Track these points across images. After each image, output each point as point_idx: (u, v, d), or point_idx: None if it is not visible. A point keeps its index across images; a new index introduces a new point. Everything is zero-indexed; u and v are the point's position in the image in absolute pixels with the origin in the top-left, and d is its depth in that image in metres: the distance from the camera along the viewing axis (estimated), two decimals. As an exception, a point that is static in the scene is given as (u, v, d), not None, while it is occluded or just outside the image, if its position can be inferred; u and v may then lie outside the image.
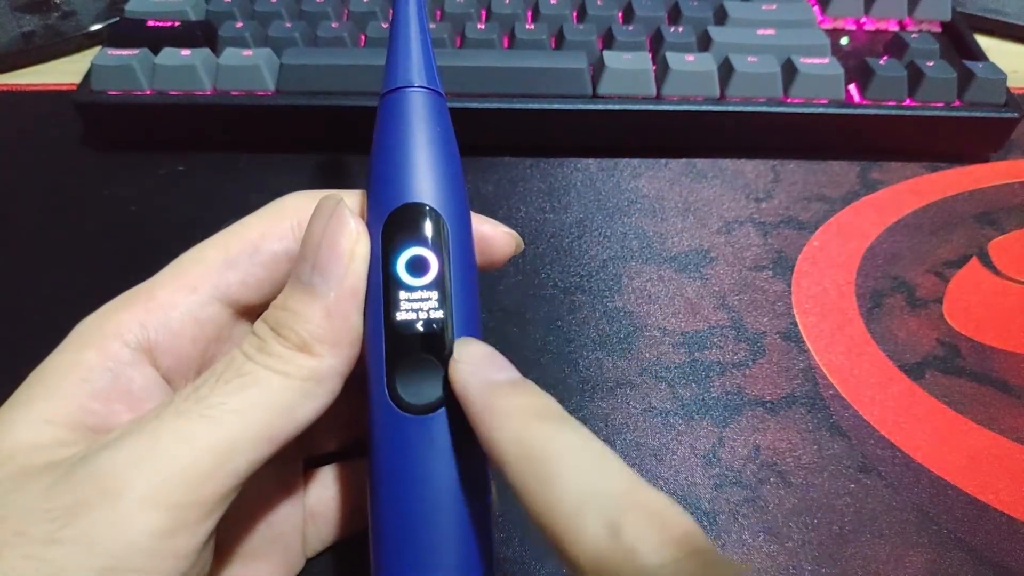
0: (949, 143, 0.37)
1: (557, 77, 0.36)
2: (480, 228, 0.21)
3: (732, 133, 0.37)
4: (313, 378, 0.18)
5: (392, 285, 0.19)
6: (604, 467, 0.15)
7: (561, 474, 0.15)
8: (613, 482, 0.15)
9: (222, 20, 0.39)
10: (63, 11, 0.45)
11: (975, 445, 0.27)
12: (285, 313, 0.18)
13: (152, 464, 0.16)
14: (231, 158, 0.37)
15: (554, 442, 0.16)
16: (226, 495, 0.17)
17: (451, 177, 0.20)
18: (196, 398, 0.17)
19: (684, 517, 0.15)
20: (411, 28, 0.22)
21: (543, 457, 0.16)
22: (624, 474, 0.15)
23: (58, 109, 0.39)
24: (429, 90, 0.21)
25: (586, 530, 0.14)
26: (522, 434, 0.16)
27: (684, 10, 0.40)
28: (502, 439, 0.16)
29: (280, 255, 0.20)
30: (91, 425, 0.18)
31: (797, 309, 0.31)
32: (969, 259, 0.34)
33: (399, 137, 0.20)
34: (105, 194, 0.36)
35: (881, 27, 0.42)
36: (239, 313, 0.21)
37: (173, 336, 0.19)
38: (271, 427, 0.17)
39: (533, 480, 0.15)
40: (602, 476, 0.15)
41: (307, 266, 0.18)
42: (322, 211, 0.19)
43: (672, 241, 0.34)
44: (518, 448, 0.16)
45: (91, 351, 0.18)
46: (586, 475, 0.15)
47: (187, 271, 0.20)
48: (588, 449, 0.16)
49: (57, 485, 0.15)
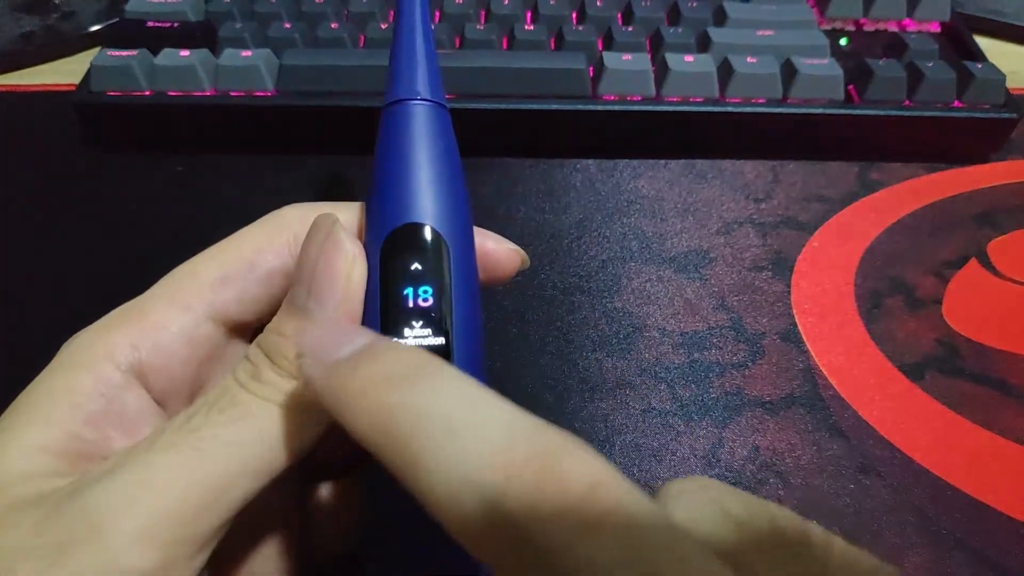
0: (948, 144, 0.38)
1: (557, 78, 0.36)
2: (484, 244, 0.21)
3: (731, 134, 0.37)
4: (308, 408, 0.17)
5: (390, 309, 0.18)
6: (473, 427, 0.13)
7: (424, 452, 0.13)
8: (483, 441, 0.13)
9: (221, 21, 0.39)
10: (63, 11, 0.44)
11: (974, 445, 0.27)
12: (280, 338, 0.18)
13: (142, 500, 0.15)
14: (230, 159, 0.37)
15: (409, 412, 0.14)
16: (219, 529, 0.16)
17: (454, 195, 0.19)
18: (188, 429, 0.16)
19: (584, 464, 0.12)
20: (416, 35, 0.21)
21: (400, 435, 0.13)
22: (496, 423, 0.13)
23: (57, 109, 0.39)
24: (433, 103, 0.20)
25: (466, 515, 0.12)
26: (377, 413, 0.14)
27: (683, 11, 0.40)
28: (361, 425, 0.14)
29: (276, 271, 0.20)
30: (83, 452, 0.17)
31: (796, 310, 0.32)
32: (968, 260, 0.34)
33: (401, 153, 0.19)
34: (104, 194, 0.36)
35: (880, 28, 0.42)
36: (233, 331, 0.20)
37: (165, 357, 0.19)
38: (266, 459, 0.17)
39: (400, 465, 0.13)
40: (470, 436, 0.13)
41: (302, 290, 0.18)
42: (317, 231, 0.18)
43: (671, 242, 0.34)
44: (378, 432, 0.14)
45: (83, 374, 0.18)
46: (452, 446, 0.13)
47: (180, 288, 0.19)
48: (451, 410, 0.14)
49: (47, 521, 0.15)
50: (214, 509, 0.16)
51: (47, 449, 0.17)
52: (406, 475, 0.13)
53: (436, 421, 0.13)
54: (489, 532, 0.12)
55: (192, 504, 0.16)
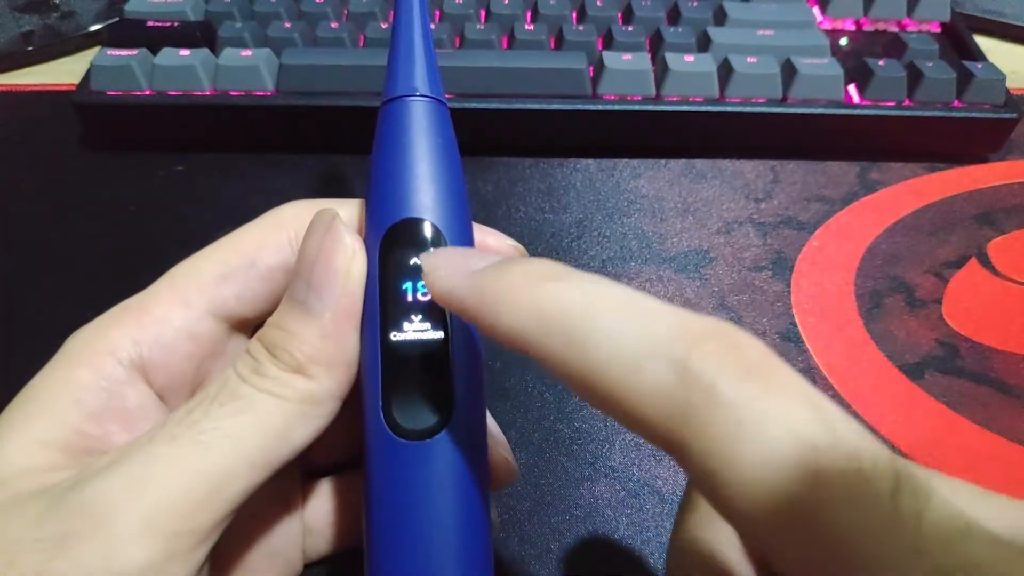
0: (948, 143, 0.38)
1: (557, 77, 0.36)
2: (484, 241, 0.21)
3: (731, 133, 0.37)
4: (309, 401, 0.17)
5: (389, 304, 0.18)
6: (641, 308, 0.13)
7: (599, 329, 0.13)
8: (658, 321, 0.13)
9: (221, 20, 0.39)
10: (63, 11, 0.45)
11: (974, 445, 0.27)
12: (280, 333, 0.18)
13: (143, 493, 0.15)
14: (230, 158, 0.37)
15: (576, 298, 0.14)
16: (220, 521, 0.16)
17: (453, 191, 0.19)
18: (189, 422, 0.16)
19: (752, 338, 0.13)
20: (414, 33, 0.21)
21: (569, 317, 0.13)
22: (667, 310, 0.13)
23: (57, 109, 0.39)
24: (432, 99, 0.20)
25: (648, 382, 0.13)
26: (536, 302, 0.14)
27: (683, 11, 0.40)
28: (515, 316, 0.14)
29: (277, 268, 0.20)
30: (85, 447, 0.17)
31: (796, 309, 0.32)
32: (968, 259, 0.34)
33: (399, 149, 0.19)
34: (104, 194, 0.36)
35: (880, 28, 0.42)
36: (234, 327, 0.20)
37: (167, 353, 0.19)
38: (266, 452, 0.17)
39: (567, 346, 0.13)
40: (643, 318, 0.13)
41: (302, 284, 0.18)
42: (317, 226, 0.18)
43: (671, 241, 0.34)
44: (537, 318, 0.14)
45: (84, 369, 0.18)
46: (626, 323, 0.13)
47: (182, 285, 0.19)
48: (616, 295, 0.14)
49: (48, 514, 0.15)
50: (215, 502, 0.16)
51: (49, 444, 0.17)
52: (575, 355, 0.13)
53: (601, 302, 0.14)
54: (680, 393, 0.12)
55: (194, 496, 0.16)
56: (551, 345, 0.14)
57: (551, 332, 0.14)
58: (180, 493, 0.16)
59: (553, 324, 0.14)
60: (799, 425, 0.12)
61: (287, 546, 0.22)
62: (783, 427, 0.12)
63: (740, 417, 0.12)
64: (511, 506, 0.25)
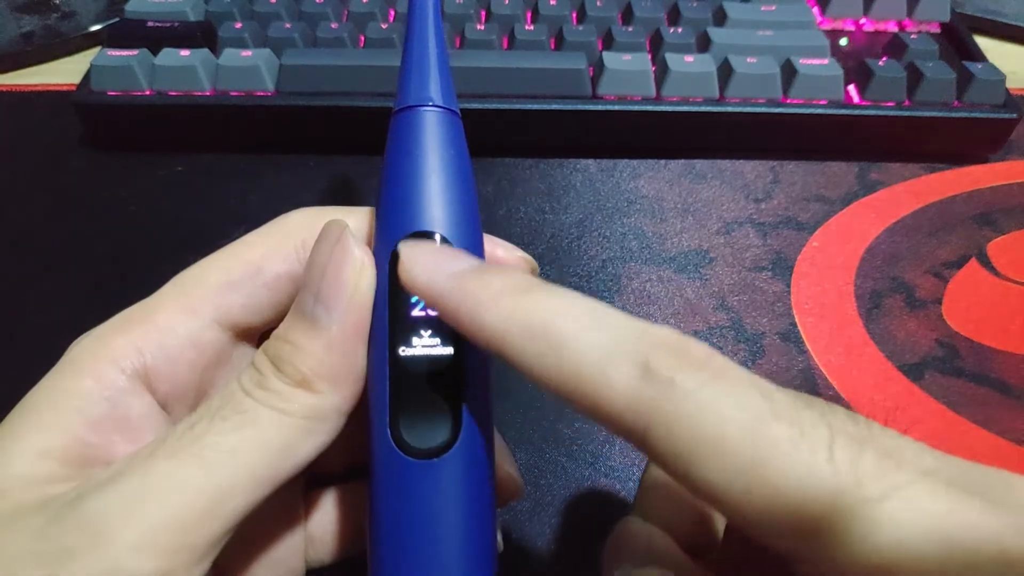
0: (948, 144, 0.38)
1: (557, 78, 0.36)
2: (494, 252, 0.21)
3: (731, 134, 0.37)
4: (313, 416, 0.17)
5: (398, 318, 0.18)
6: (607, 318, 0.15)
7: (572, 335, 0.15)
8: (623, 330, 0.15)
9: (221, 20, 0.39)
10: (63, 11, 0.45)
11: (974, 446, 0.27)
12: (286, 346, 0.17)
13: (144, 508, 0.15)
14: (230, 159, 0.37)
15: (551, 309, 0.15)
16: (221, 537, 0.16)
17: (464, 204, 0.19)
18: (191, 437, 0.16)
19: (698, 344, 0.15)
20: (428, 40, 0.20)
21: (546, 324, 0.15)
22: (628, 320, 0.15)
23: (57, 109, 0.39)
24: (445, 110, 0.20)
25: (617, 379, 0.14)
26: (514, 310, 0.15)
27: (683, 11, 0.40)
28: (494, 321, 0.16)
29: (283, 277, 0.19)
30: (87, 457, 0.17)
31: (796, 310, 0.32)
32: (968, 260, 0.34)
33: (412, 160, 0.19)
34: (104, 194, 0.36)
35: (880, 28, 0.42)
36: (239, 336, 0.20)
37: (171, 362, 0.18)
38: (269, 468, 0.16)
39: (544, 350, 0.15)
40: (610, 327, 0.15)
41: (309, 296, 0.17)
42: (326, 238, 0.18)
43: (671, 242, 0.34)
44: (516, 325, 0.15)
45: (87, 378, 0.17)
46: (595, 330, 0.15)
47: (186, 293, 0.19)
48: (585, 306, 0.16)
49: (48, 528, 0.15)
50: (217, 517, 0.16)
51: (50, 454, 0.17)
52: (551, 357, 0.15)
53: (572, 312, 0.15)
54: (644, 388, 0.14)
55: (194, 512, 0.15)
56: (531, 348, 0.15)
57: (533, 337, 0.15)
58: (180, 509, 0.15)
59: (535, 330, 0.15)
60: (746, 401, 0.14)
61: (289, 555, 0.21)
62: (734, 405, 0.14)
63: (699, 401, 0.14)
64: (511, 506, 0.25)
